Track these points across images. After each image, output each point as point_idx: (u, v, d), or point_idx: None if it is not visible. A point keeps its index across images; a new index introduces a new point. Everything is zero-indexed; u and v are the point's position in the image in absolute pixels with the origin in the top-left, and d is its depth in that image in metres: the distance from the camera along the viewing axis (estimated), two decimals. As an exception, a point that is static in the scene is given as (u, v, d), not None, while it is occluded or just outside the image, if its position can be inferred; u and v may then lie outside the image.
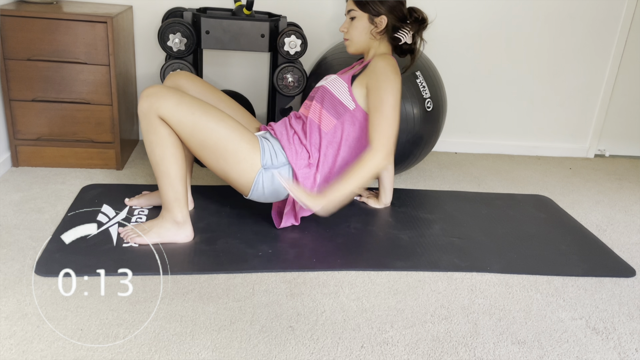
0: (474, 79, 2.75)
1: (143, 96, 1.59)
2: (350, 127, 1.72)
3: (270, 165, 1.69)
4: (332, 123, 1.72)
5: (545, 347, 1.40)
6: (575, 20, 2.70)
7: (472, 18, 2.64)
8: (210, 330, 1.35)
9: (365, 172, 1.62)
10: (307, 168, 1.73)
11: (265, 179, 1.69)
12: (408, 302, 1.54)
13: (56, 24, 2.01)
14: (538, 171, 2.70)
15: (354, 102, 1.70)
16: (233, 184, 1.73)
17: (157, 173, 1.65)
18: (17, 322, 1.32)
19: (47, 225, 1.76)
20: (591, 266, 1.81)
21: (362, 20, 1.74)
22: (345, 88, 1.71)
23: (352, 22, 1.75)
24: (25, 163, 2.18)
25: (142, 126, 1.61)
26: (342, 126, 1.72)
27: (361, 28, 1.74)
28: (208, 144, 1.62)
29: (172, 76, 1.81)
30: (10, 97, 2.08)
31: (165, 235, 1.69)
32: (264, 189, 1.71)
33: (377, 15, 1.72)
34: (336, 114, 1.71)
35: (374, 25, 1.73)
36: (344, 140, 1.72)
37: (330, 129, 1.72)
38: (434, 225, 1.99)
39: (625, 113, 2.95)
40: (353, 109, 1.71)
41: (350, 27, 1.76)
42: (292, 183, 1.68)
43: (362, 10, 1.73)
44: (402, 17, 1.73)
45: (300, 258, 1.70)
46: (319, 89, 1.78)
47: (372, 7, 1.71)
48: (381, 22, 1.72)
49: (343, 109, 1.71)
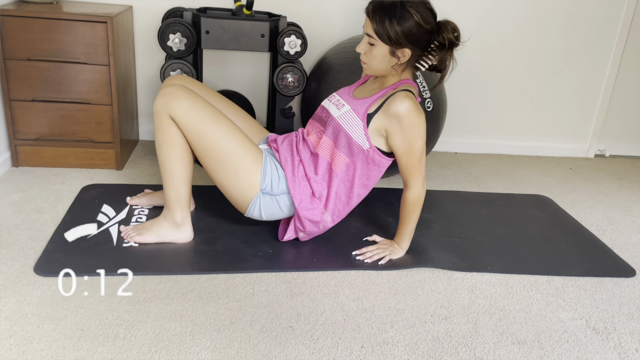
0: (474, 79, 2.75)
1: (160, 94, 1.59)
2: (363, 165, 1.63)
3: (270, 192, 1.63)
4: (345, 162, 1.63)
5: (545, 347, 1.40)
6: (575, 20, 2.70)
7: (473, 18, 2.64)
8: (210, 330, 1.35)
9: (417, 208, 1.68)
10: (309, 203, 1.66)
11: (264, 203, 1.64)
12: (408, 302, 1.54)
13: (56, 24, 2.01)
14: (538, 171, 2.70)
15: (368, 142, 1.59)
16: (230, 200, 1.68)
17: (162, 171, 1.65)
18: (17, 322, 1.32)
19: (47, 225, 1.76)
20: (591, 266, 1.81)
21: (381, 49, 1.53)
22: (360, 128, 1.58)
23: (370, 49, 1.55)
24: (25, 163, 2.18)
25: (154, 124, 1.62)
26: (354, 165, 1.63)
27: (380, 58, 1.55)
28: (211, 153, 1.60)
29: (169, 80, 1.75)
30: (10, 97, 2.08)
31: (164, 235, 1.69)
32: (261, 212, 1.66)
33: (399, 47, 1.52)
34: (349, 152, 1.62)
35: (395, 57, 1.55)
36: (356, 178, 1.65)
37: (342, 168, 1.64)
38: (434, 225, 1.99)
39: (625, 113, 2.95)
40: (367, 149, 1.60)
41: (369, 53, 1.56)
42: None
43: (382, 41, 1.52)
44: (426, 44, 1.54)
45: (300, 258, 1.70)
46: (332, 122, 1.64)
47: (394, 39, 1.50)
48: (403, 56, 1.54)
49: (357, 148, 1.60)
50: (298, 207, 1.64)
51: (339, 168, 1.64)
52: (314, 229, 1.71)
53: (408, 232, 1.73)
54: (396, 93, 1.57)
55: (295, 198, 1.64)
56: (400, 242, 1.74)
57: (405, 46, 1.52)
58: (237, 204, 1.68)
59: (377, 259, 1.72)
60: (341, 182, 1.66)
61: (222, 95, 1.84)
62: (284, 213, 1.69)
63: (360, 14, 2.52)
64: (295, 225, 1.70)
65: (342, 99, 1.68)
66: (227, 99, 1.83)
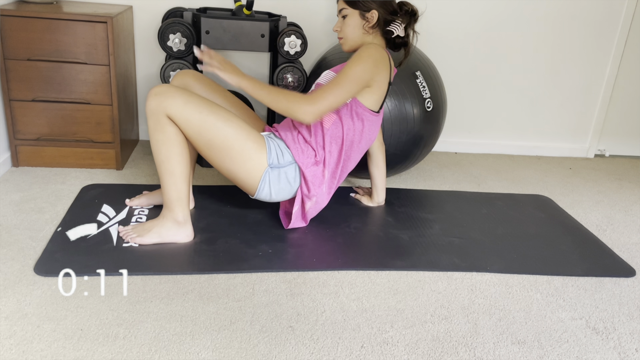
0: (474, 78, 2.76)
1: (151, 95, 1.59)
2: (349, 120, 1.74)
3: (277, 165, 1.70)
4: (332, 118, 1.74)
5: (545, 347, 1.40)
6: (576, 20, 2.70)
7: (473, 18, 2.64)
8: (210, 330, 1.35)
9: (281, 94, 1.61)
10: (314, 166, 1.75)
11: (272, 177, 1.71)
12: (408, 302, 1.54)
13: (56, 24, 2.01)
14: (538, 171, 2.70)
15: None
16: (239, 184, 1.74)
17: (161, 171, 1.65)
18: (17, 322, 1.32)
19: (47, 225, 1.77)
20: (591, 266, 1.81)
21: (353, 17, 1.75)
22: None
23: (344, 21, 1.77)
24: (25, 163, 2.18)
25: (149, 124, 1.61)
26: (341, 120, 1.73)
27: (353, 25, 1.76)
28: (215, 143, 1.63)
29: (179, 75, 1.82)
30: (10, 97, 2.08)
31: (165, 234, 1.69)
32: (271, 188, 1.72)
33: (368, 10, 1.73)
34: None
35: (365, 20, 1.74)
36: (345, 134, 1.74)
37: (331, 125, 1.73)
38: (434, 225, 1.99)
39: (625, 113, 2.95)
40: (349, 102, 1.72)
41: (343, 25, 1.77)
42: (220, 64, 1.61)
43: (352, 8, 1.74)
44: (392, 10, 1.75)
45: (300, 258, 1.70)
46: (317, 86, 1.79)
47: (362, 3, 1.73)
48: (372, 17, 1.73)
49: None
50: (305, 169, 1.73)
51: (328, 124, 1.74)
52: (317, 191, 1.77)
53: (257, 85, 1.62)
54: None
55: (300, 162, 1.72)
56: (246, 78, 1.63)
57: (373, 8, 1.72)
58: (246, 185, 1.73)
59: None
60: (333, 140, 1.75)
61: (225, 89, 1.88)
62: (291, 186, 1.75)
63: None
64: (302, 193, 1.76)
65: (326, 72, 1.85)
66: (229, 92, 1.88)
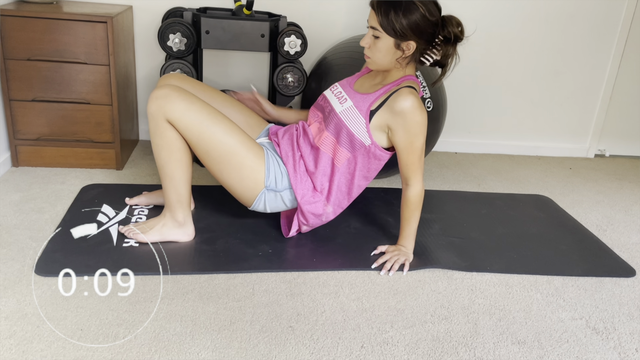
0: (474, 79, 2.75)
1: (152, 98, 1.56)
2: (364, 159, 1.65)
3: (274, 188, 1.65)
4: (346, 157, 1.64)
5: (545, 347, 1.40)
6: (576, 20, 2.70)
7: (473, 18, 2.63)
8: (210, 330, 1.35)
9: (418, 207, 1.68)
10: (311, 197, 1.68)
11: (268, 198, 1.67)
12: (408, 302, 1.54)
13: (56, 24, 2.01)
14: (538, 171, 2.70)
15: (370, 139, 1.60)
16: (235, 196, 1.71)
17: (161, 175, 1.64)
18: (17, 322, 1.32)
19: (47, 225, 1.76)
20: (591, 266, 1.80)
21: (386, 42, 1.52)
22: (363, 125, 1.59)
23: (375, 43, 1.55)
24: (25, 163, 2.18)
25: (150, 128, 1.60)
26: (355, 160, 1.65)
27: (385, 51, 1.54)
28: (213, 153, 1.59)
29: (163, 79, 1.75)
30: (10, 97, 2.08)
31: (166, 234, 1.69)
32: (266, 207, 1.70)
33: (405, 40, 1.51)
34: (351, 148, 1.62)
35: (400, 50, 1.54)
36: (357, 171, 1.66)
37: (343, 163, 1.65)
38: (434, 225, 1.99)
39: (625, 113, 2.95)
40: (368, 145, 1.61)
41: (373, 47, 1.55)
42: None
43: (387, 34, 1.51)
44: (432, 39, 1.54)
45: (300, 258, 1.70)
46: (334, 117, 1.63)
47: (399, 32, 1.49)
48: (409, 48, 1.53)
49: (358, 144, 1.61)
50: (301, 202, 1.67)
51: (341, 163, 1.65)
52: (316, 221, 1.74)
53: (412, 232, 1.73)
54: (400, 89, 1.56)
55: (297, 194, 1.66)
56: (407, 243, 1.74)
57: (410, 39, 1.51)
58: (241, 199, 1.71)
59: (397, 267, 1.69)
60: (342, 175, 1.68)
61: (220, 91, 1.84)
62: (287, 207, 1.72)
63: (361, 14, 2.52)
64: (299, 220, 1.73)
65: (344, 92, 1.68)
66: (225, 94, 1.84)
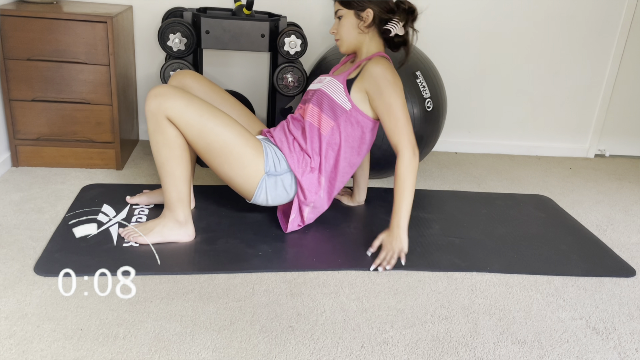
0: (474, 78, 2.75)
1: (151, 96, 1.58)
2: (348, 127, 1.73)
3: (274, 172, 1.70)
4: (330, 125, 1.72)
5: (545, 347, 1.40)
6: (575, 20, 2.70)
7: (473, 18, 2.64)
8: (210, 330, 1.35)
9: (408, 178, 1.64)
10: (310, 174, 1.74)
11: (269, 185, 1.71)
12: (408, 302, 1.54)
13: (56, 24, 2.01)
14: (538, 171, 2.70)
15: (350, 102, 1.71)
16: (236, 188, 1.74)
17: (161, 173, 1.65)
18: (17, 322, 1.32)
19: (47, 225, 1.77)
20: (591, 266, 1.81)
21: (348, 17, 1.73)
22: (341, 89, 1.72)
23: (340, 22, 1.75)
24: (25, 163, 2.18)
25: (149, 126, 1.61)
26: (339, 128, 1.72)
27: (349, 25, 1.74)
28: (214, 147, 1.63)
29: (177, 75, 1.81)
30: (10, 97, 2.08)
31: (167, 234, 1.69)
32: (267, 195, 1.72)
33: (363, 9, 1.70)
34: (334, 115, 1.72)
35: (360, 19, 1.72)
36: (343, 141, 1.73)
37: (328, 131, 1.73)
38: (434, 225, 1.99)
39: (625, 113, 2.95)
40: (349, 109, 1.71)
41: (339, 26, 1.76)
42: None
43: (347, 8, 1.72)
44: (389, 9, 1.71)
45: (300, 258, 1.70)
46: (316, 92, 1.77)
47: (356, 3, 1.71)
48: (368, 16, 1.70)
49: (340, 110, 1.71)
50: (300, 178, 1.72)
51: (326, 131, 1.73)
52: (314, 198, 1.76)
53: (404, 210, 1.65)
54: (373, 58, 1.72)
55: (296, 171, 1.72)
56: (400, 224, 1.66)
57: (367, 6, 1.70)
58: (243, 191, 1.73)
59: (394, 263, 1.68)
60: (329, 146, 1.74)
61: (223, 90, 1.88)
62: (288, 193, 1.75)
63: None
64: (299, 200, 1.76)
65: (323, 77, 1.83)
66: (227, 93, 1.88)
